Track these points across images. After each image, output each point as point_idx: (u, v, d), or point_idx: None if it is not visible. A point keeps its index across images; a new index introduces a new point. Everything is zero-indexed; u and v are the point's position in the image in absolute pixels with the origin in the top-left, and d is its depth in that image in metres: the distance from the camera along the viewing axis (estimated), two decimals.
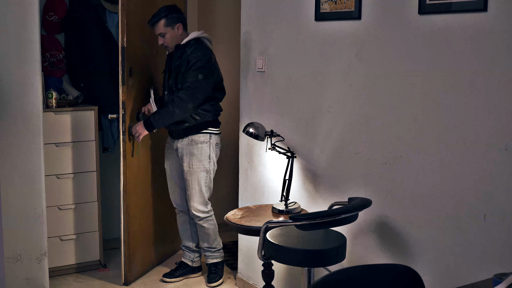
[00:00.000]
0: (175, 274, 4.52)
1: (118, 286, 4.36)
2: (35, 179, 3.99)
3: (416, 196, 3.05)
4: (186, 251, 4.60)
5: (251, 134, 3.76)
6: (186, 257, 4.59)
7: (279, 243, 3.13)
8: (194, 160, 4.23)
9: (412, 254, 3.09)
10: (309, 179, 3.75)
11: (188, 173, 4.25)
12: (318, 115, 3.63)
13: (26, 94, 3.90)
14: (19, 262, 4.00)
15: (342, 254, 3.14)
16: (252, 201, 4.27)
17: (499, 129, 2.63)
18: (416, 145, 3.02)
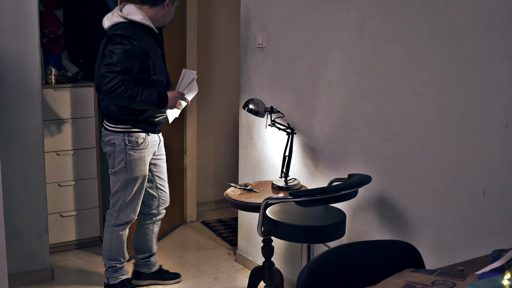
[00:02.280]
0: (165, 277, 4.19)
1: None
2: (35, 156, 4.00)
3: (416, 173, 3.05)
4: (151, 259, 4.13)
5: (251, 111, 3.75)
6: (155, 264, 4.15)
7: (278, 219, 3.13)
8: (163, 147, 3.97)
9: (411, 230, 3.10)
10: (309, 155, 3.75)
11: (165, 161, 3.97)
12: (318, 92, 3.62)
13: (25, 70, 3.89)
14: (20, 238, 4.02)
15: (341, 231, 3.15)
16: (252, 178, 4.28)
17: (500, 106, 2.62)
18: (416, 121, 3.02)
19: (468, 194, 2.80)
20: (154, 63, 3.52)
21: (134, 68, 3.43)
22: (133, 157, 3.64)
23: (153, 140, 3.73)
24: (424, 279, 1.78)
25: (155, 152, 3.81)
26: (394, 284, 1.76)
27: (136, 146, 3.63)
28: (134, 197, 3.75)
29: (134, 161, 3.64)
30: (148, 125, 3.65)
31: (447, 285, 1.72)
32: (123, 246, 3.84)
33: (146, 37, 3.49)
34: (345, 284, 1.85)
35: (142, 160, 3.68)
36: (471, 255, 2.50)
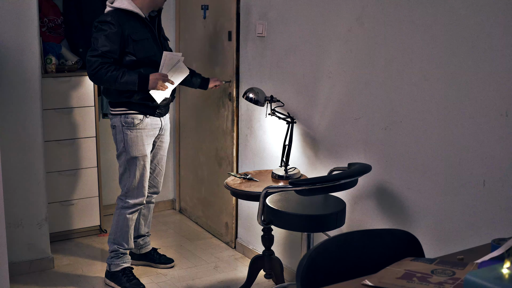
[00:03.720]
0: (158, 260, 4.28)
1: None
2: (35, 145, 4.00)
3: (416, 162, 3.05)
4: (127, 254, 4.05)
5: (251, 100, 3.75)
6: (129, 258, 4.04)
7: (278, 208, 3.14)
8: (169, 135, 4.10)
9: (411, 219, 3.10)
10: (309, 144, 3.75)
11: (166, 150, 4.09)
12: (318, 81, 3.62)
13: (25, 59, 3.88)
14: (20, 228, 4.03)
15: (341, 219, 3.16)
16: (251, 167, 4.28)
17: (500, 95, 2.62)
18: (416, 110, 3.02)
19: (467, 184, 2.80)
20: (139, 46, 3.65)
21: (114, 51, 3.58)
22: (129, 136, 3.74)
23: (153, 122, 3.82)
24: (423, 267, 1.78)
25: (159, 136, 3.92)
26: (394, 273, 1.76)
27: (132, 126, 3.74)
28: (139, 179, 3.82)
29: (131, 140, 3.74)
30: (144, 108, 3.75)
31: (446, 274, 1.73)
32: (128, 231, 3.90)
33: (130, 22, 3.65)
34: (345, 272, 1.86)
35: (140, 140, 3.76)
36: (470, 244, 2.51)
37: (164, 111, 3.91)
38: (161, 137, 3.97)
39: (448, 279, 1.69)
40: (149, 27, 3.75)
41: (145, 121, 3.76)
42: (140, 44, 3.66)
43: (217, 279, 4.07)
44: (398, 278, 1.72)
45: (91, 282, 4.01)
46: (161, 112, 3.86)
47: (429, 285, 1.66)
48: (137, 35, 3.66)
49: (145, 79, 3.60)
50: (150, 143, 3.84)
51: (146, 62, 3.69)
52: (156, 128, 3.85)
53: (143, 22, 3.72)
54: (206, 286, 3.96)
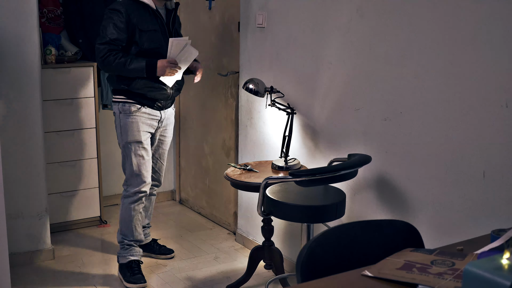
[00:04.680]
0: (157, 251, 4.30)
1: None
2: (35, 136, 3.99)
3: (416, 153, 3.05)
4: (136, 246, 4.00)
5: (251, 90, 3.74)
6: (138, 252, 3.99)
7: (278, 199, 3.14)
8: (172, 128, 4.08)
9: (411, 210, 3.10)
10: (309, 135, 3.75)
11: (168, 145, 4.08)
12: (319, 71, 3.61)
13: (24, 50, 3.88)
14: (20, 218, 4.03)
15: (341, 210, 3.16)
16: (251, 158, 4.28)
17: (500, 86, 2.61)
18: (417, 101, 3.01)
19: (467, 175, 2.80)
20: (145, 37, 3.65)
21: (121, 38, 3.60)
22: (124, 121, 3.75)
23: (151, 113, 3.80)
24: (423, 258, 1.79)
25: (158, 129, 3.89)
26: (393, 263, 1.76)
27: (128, 113, 3.73)
28: (136, 165, 3.81)
29: (125, 125, 3.75)
30: (142, 99, 3.75)
31: (446, 265, 1.73)
32: (131, 221, 3.89)
33: (139, 12, 3.65)
34: (344, 263, 1.86)
35: (135, 125, 3.75)
36: (470, 234, 2.51)
37: (165, 105, 3.87)
38: (162, 131, 3.96)
39: (447, 269, 1.69)
40: (159, 19, 3.73)
41: (142, 109, 3.76)
42: (146, 35, 3.66)
43: (217, 270, 4.07)
44: (397, 268, 1.73)
45: (91, 272, 4.02)
46: (160, 105, 3.83)
47: (428, 276, 1.66)
48: (145, 25, 3.65)
49: (153, 66, 3.61)
50: (146, 131, 3.81)
51: (151, 54, 3.66)
52: (154, 119, 3.83)
53: (154, 13, 3.71)
54: (206, 276, 3.97)
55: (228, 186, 4.57)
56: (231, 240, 4.60)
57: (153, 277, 3.94)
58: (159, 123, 3.87)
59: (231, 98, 4.59)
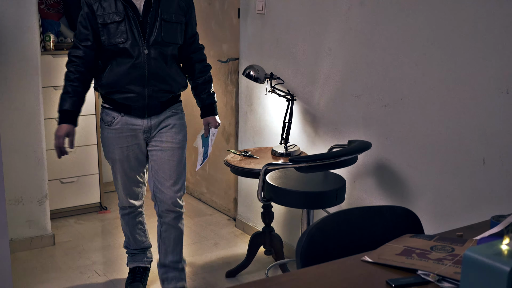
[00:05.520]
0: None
1: (119, 228, 4.40)
2: (34, 122, 3.99)
3: (416, 139, 3.05)
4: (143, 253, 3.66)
5: (251, 77, 3.74)
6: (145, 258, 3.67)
7: (278, 185, 3.14)
8: (182, 133, 3.30)
9: (410, 196, 3.11)
10: (309, 122, 3.75)
11: (175, 151, 3.25)
12: (319, 58, 3.61)
13: (23, 36, 3.87)
14: (21, 205, 4.04)
15: (341, 196, 3.16)
16: (251, 144, 4.28)
17: (501, 72, 2.61)
18: (417, 88, 3.01)
19: (467, 161, 2.80)
20: (105, 31, 3.03)
21: (86, 36, 3.06)
22: (102, 133, 3.27)
23: (129, 123, 3.17)
24: (423, 244, 1.79)
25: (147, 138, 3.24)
26: (393, 249, 1.77)
27: (104, 124, 3.22)
28: (117, 182, 3.39)
29: (103, 140, 3.27)
30: (116, 104, 3.17)
31: (446, 250, 1.73)
32: (127, 230, 3.55)
33: (102, 2, 3.02)
34: (344, 249, 1.86)
35: (111, 142, 3.21)
36: (470, 220, 2.51)
37: (149, 112, 3.17)
38: (157, 137, 3.24)
39: (447, 255, 1.70)
40: (127, 6, 3.02)
41: (118, 119, 3.15)
42: (107, 29, 3.02)
43: (217, 256, 4.09)
44: (397, 254, 1.73)
45: (91, 258, 4.03)
46: (139, 113, 3.16)
47: (428, 262, 1.66)
48: (105, 17, 3.02)
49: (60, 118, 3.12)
50: (125, 146, 3.20)
51: (115, 51, 3.04)
52: (136, 129, 3.18)
53: (128, 2, 3.03)
54: (206, 262, 3.98)
55: (228, 172, 4.57)
56: (231, 226, 4.61)
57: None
58: (144, 133, 3.20)
59: (231, 85, 4.58)
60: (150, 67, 3.06)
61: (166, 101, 3.21)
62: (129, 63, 3.04)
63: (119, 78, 3.06)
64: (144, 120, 3.16)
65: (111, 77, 3.07)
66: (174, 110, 3.27)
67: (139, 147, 3.23)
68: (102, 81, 3.10)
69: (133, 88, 3.08)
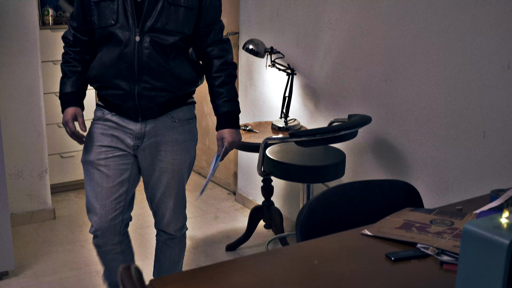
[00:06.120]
0: None
1: None
2: (34, 96, 3.98)
3: (416, 113, 3.04)
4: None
5: (251, 51, 3.72)
6: None
7: (278, 159, 3.15)
8: (181, 152, 2.64)
9: (410, 170, 3.11)
10: (309, 96, 3.74)
11: (170, 173, 2.65)
12: (319, 32, 3.59)
13: (22, 10, 3.84)
14: (21, 179, 4.04)
15: (341, 170, 3.17)
16: (251, 118, 4.28)
17: (502, 47, 2.60)
18: (418, 62, 3.00)
19: (468, 135, 2.80)
20: (95, 11, 2.49)
21: (77, 16, 2.58)
22: (89, 132, 2.71)
23: (120, 123, 2.60)
24: (422, 218, 1.80)
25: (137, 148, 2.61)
26: (393, 223, 1.77)
27: (93, 120, 2.73)
28: (91, 196, 2.70)
29: (86, 136, 2.72)
30: (106, 102, 2.64)
31: (445, 224, 1.74)
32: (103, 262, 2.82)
33: None
34: (344, 222, 1.87)
35: (92, 138, 2.66)
36: (469, 194, 2.52)
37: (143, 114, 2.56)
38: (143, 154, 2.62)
39: (446, 229, 1.70)
40: None
41: (108, 117, 2.63)
42: (98, 8, 2.48)
43: (217, 229, 4.10)
44: (397, 228, 1.74)
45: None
46: (132, 114, 2.57)
47: (428, 235, 1.67)
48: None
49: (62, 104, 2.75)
50: (108, 146, 2.61)
51: (104, 36, 2.51)
52: (126, 131, 2.59)
53: None
54: (206, 236, 4.00)
55: None
56: (231, 200, 4.62)
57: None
58: (136, 139, 2.59)
59: None
60: (141, 59, 2.45)
61: (166, 103, 2.58)
62: (116, 52, 2.47)
63: (106, 70, 2.52)
64: (137, 123, 2.57)
65: (98, 69, 2.55)
66: (179, 117, 2.63)
67: (124, 157, 2.61)
68: (90, 73, 2.61)
69: (120, 84, 2.50)
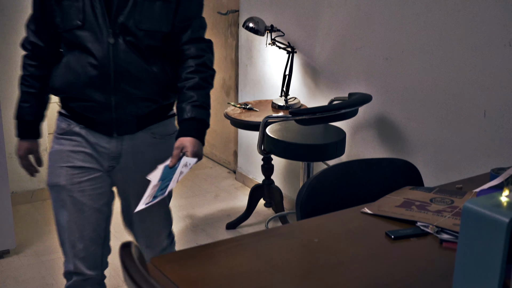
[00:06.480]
0: None
1: None
2: None
3: (417, 92, 3.04)
4: None
5: (251, 29, 3.70)
6: None
7: (278, 137, 3.14)
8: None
9: (411, 149, 3.11)
10: (309, 74, 3.73)
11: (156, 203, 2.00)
12: (319, 10, 3.57)
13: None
14: None
15: (341, 149, 3.17)
16: (251, 97, 4.27)
17: (504, 25, 2.58)
18: (418, 40, 2.99)
19: (468, 114, 2.80)
20: (59, 12, 2.05)
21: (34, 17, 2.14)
22: (54, 151, 2.20)
23: (91, 141, 2.14)
24: (422, 196, 1.80)
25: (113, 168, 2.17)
26: (393, 201, 1.78)
27: (56, 134, 2.21)
28: (62, 229, 2.20)
29: (52, 157, 2.20)
30: (74, 113, 2.16)
31: (445, 202, 1.74)
32: None
33: None
34: (344, 201, 1.87)
35: (57, 158, 2.16)
36: (469, 173, 2.52)
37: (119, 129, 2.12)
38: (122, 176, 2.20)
39: (446, 207, 1.71)
40: None
41: (77, 130, 2.15)
42: (60, 7, 2.04)
43: (217, 208, 4.11)
44: (397, 206, 1.74)
45: None
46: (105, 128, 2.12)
47: (427, 213, 1.67)
48: None
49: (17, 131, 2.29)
50: (79, 166, 2.14)
51: (72, 40, 2.05)
52: (99, 150, 2.14)
53: None
54: (206, 214, 4.01)
55: (228, 125, 4.57)
56: (231, 179, 4.62)
57: None
58: (111, 159, 2.16)
59: (231, 38, 4.54)
60: (118, 64, 2.03)
61: (147, 116, 2.15)
62: (87, 58, 2.03)
63: (75, 78, 2.07)
64: (112, 140, 2.13)
65: (64, 77, 2.09)
66: (161, 133, 2.21)
67: (100, 178, 2.17)
68: (54, 83, 2.15)
69: (93, 95, 2.06)
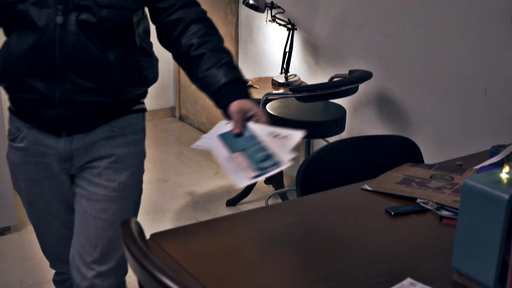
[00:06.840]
0: None
1: None
2: None
3: (417, 69, 3.03)
4: None
5: (251, 6, 3.68)
6: None
7: (278, 114, 3.14)
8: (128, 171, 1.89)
9: (411, 126, 3.11)
10: (310, 51, 3.71)
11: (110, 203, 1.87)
12: None
13: None
14: None
15: (341, 126, 3.17)
16: (251, 74, 4.26)
17: (506, 2, 2.57)
18: (419, 18, 2.97)
19: (469, 91, 2.79)
20: None
21: None
22: (8, 159, 1.96)
23: (38, 142, 1.86)
24: (422, 173, 1.80)
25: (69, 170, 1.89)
26: (393, 178, 1.78)
27: (8, 138, 1.94)
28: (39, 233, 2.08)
29: (9, 166, 1.98)
30: (19, 108, 1.87)
31: (445, 179, 1.74)
32: None
33: None
34: (344, 178, 1.87)
35: (14, 168, 1.95)
36: (470, 150, 2.52)
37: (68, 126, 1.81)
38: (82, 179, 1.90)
39: (446, 184, 1.71)
40: None
41: (24, 133, 1.87)
42: None
43: (217, 185, 4.12)
44: (397, 183, 1.74)
45: None
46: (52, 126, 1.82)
47: (427, 190, 1.67)
48: None
49: None
50: (34, 180, 1.91)
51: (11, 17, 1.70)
52: (46, 154, 1.86)
53: None
54: (206, 191, 4.01)
55: None
56: None
57: (154, 192, 3.99)
58: (62, 162, 1.86)
59: (231, 14, 4.52)
60: (65, 49, 1.68)
61: (102, 111, 1.84)
62: (30, 39, 1.69)
63: (15, 64, 1.74)
64: (60, 140, 1.83)
65: (4, 63, 1.77)
66: (120, 127, 1.88)
67: (57, 182, 1.92)
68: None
69: (36, 84, 1.74)
